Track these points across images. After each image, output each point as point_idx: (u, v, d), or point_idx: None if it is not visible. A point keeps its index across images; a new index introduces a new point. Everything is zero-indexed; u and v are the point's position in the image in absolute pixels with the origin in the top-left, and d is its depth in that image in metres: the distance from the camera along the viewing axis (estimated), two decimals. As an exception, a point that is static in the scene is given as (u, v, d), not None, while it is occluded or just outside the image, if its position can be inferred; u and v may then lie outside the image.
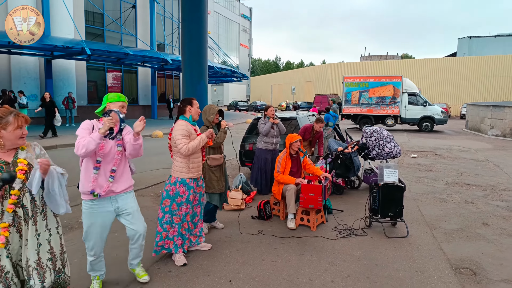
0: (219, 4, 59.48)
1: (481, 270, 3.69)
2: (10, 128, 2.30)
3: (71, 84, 19.43)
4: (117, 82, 23.57)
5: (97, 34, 21.85)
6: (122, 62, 20.80)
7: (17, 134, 2.33)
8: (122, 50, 17.83)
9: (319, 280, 3.48)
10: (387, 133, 6.67)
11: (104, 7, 21.65)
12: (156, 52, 21.84)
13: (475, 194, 6.64)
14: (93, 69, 21.89)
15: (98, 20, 21.97)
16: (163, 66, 23.39)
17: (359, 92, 20.25)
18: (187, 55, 7.13)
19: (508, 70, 34.21)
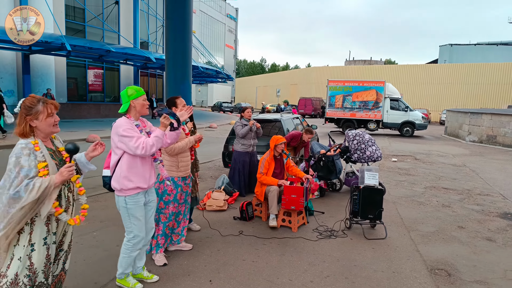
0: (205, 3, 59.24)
1: (455, 271, 3.80)
2: (42, 117, 2.24)
3: (50, 80, 18.98)
4: (98, 79, 23.15)
5: (78, 30, 21.41)
6: (104, 59, 20.44)
7: (49, 122, 2.28)
8: (104, 46, 17.53)
9: (299, 280, 3.51)
10: (369, 137, 6.78)
11: (85, 2, 21.22)
12: (140, 50, 21.58)
13: (452, 198, 6.82)
14: (74, 65, 21.42)
15: (79, 15, 21.53)
16: (146, 65, 23.13)
17: (342, 96, 20.49)
18: (171, 54, 7.07)
19: (487, 77, 35.28)
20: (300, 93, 45.30)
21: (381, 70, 40.84)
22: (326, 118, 21.30)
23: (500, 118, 15.56)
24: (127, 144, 2.84)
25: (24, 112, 2.22)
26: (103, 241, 4.30)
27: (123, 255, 3.14)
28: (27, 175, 2.10)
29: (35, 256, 2.22)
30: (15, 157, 2.10)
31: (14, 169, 2.08)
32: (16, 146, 2.17)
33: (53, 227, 2.33)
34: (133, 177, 2.96)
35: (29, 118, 2.22)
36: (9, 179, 2.09)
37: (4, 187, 2.10)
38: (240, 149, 6.49)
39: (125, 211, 3.02)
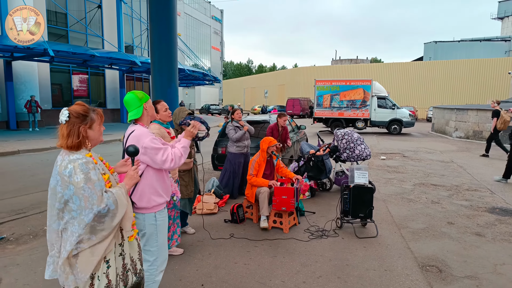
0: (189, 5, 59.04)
1: (446, 267, 3.82)
2: (95, 126, 2.06)
3: (34, 87, 18.63)
4: (83, 85, 22.84)
5: (61, 35, 21.07)
6: (88, 64, 20.14)
7: (101, 131, 2.12)
8: (88, 51, 17.27)
9: (292, 281, 3.49)
10: (357, 136, 6.80)
11: (67, 7, 20.91)
12: (124, 54, 21.33)
13: (441, 194, 6.88)
14: (57, 71, 21.10)
15: (61, 20, 21.20)
16: (132, 69, 22.89)
17: (330, 96, 20.60)
18: (157, 57, 6.98)
19: (472, 74, 35.92)
20: (287, 93, 45.47)
21: (367, 68, 41.24)
22: (314, 118, 21.39)
23: (486, 113, 15.80)
24: (153, 157, 2.54)
25: (78, 121, 1.98)
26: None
27: (148, 282, 2.73)
28: (102, 188, 1.94)
29: (112, 273, 2.05)
30: (83, 173, 1.88)
31: (86, 186, 1.87)
32: (74, 161, 1.91)
33: (120, 238, 2.14)
34: (162, 190, 2.71)
35: (83, 127, 1.99)
36: (85, 198, 1.87)
37: (82, 208, 1.88)
38: (235, 150, 6.43)
39: (155, 228, 2.69)
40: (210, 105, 45.93)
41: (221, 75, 73.28)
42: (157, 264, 2.75)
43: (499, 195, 6.79)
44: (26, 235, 4.66)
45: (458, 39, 53.18)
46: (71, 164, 1.90)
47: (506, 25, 61.11)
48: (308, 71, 45.49)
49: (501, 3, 62.16)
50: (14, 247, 4.29)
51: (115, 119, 24.89)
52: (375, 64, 46.48)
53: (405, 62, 41.25)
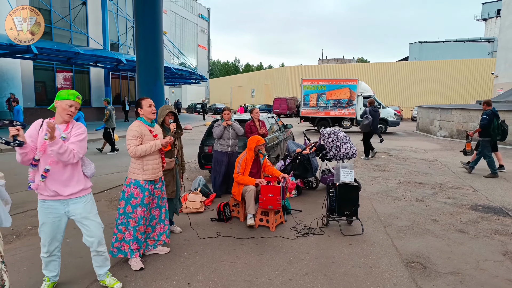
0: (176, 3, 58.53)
1: (430, 264, 3.87)
2: None
3: (17, 84, 18.21)
4: (67, 82, 22.43)
5: (44, 32, 20.56)
6: (72, 61, 19.82)
7: None
8: (72, 49, 16.97)
9: (278, 279, 3.49)
10: (343, 135, 6.85)
11: (51, 3, 20.50)
12: (109, 52, 21.04)
13: (425, 192, 6.99)
14: (41, 69, 20.67)
15: (44, 16, 20.70)
16: (117, 67, 22.60)
17: (317, 95, 20.70)
18: (142, 55, 6.91)
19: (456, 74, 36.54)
20: (274, 92, 45.55)
21: (353, 68, 41.60)
22: (301, 117, 21.47)
23: (469, 113, 16.12)
24: None
25: None
26: (77, 248, 4.18)
27: None
28: None
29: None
30: None
31: None
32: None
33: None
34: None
35: None
36: None
37: None
38: (218, 148, 6.45)
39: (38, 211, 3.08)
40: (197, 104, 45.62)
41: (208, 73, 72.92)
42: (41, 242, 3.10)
43: (482, 193, 6.93)
44: (9, 235, 4.56)
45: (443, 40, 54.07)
46: None
47: (490, 26, 62.41)
48: (295, 70, 45.62)
49: (485, 5, 63.50)
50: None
51: (100, 118, 24.41)
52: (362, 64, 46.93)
53: (391, 62, 41.78)
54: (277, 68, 57.67)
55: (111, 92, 25.16)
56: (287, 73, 46.66)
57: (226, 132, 6.40)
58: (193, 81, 34.41)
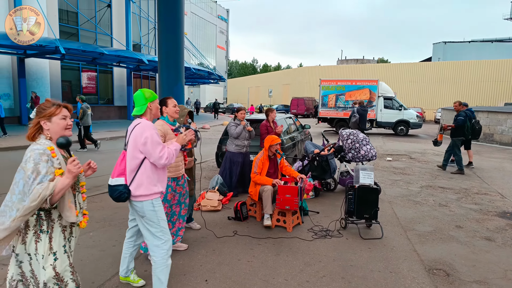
0: (196, 5, 59.14)
1: (454, 271, 3.75)
2: (55, 119, 2.18)
3: (45, 83, 18.83)
4: (92, 82, 23.01)
5: (72, 33, 21.27)
6: (97, 62, 20.34)
7: (62, 124, 2.20)
8: (97, 49, 17.42)
9: (295, 280, 3.45)
10: (363, 136, 6.74)
11: (78, 6, 21.10)
12: (132, 52, 21.46)
13: (449, 197, 6.79)
14: (68, 68, 21.30)
15: (72, 19, 21.39)
16: (139, 67, 23.03)
17: (335, 96, 20.48)
18: (164, 56, 6.99)
19: (482, 75, 35.44)
20: (292, 93, 45.35)
21: (374, 68, 40.98)
22: (319, 117, 21.28)
23: (497, 116, 15.55)
24: (152, 150, 2.69)
25: (39, 115, 2.16)
26: (100, 241, 4.30)
27: (161, 267, 2.85)
28: (41, 181, 2.01)
29: (59, 265, 2.12)
30: (33, 163, 2.02)
31: (31, 175, 2.00)
32: (33, 150, 2.06)
33: (67, 234, 2.23)
34: (158, 181, 2.85)
35: (42, 120, 2.15)
36: (27, 185, 2.00)
37: (25, 193, 2.01)
38: (234, 149, 6.43)
39: (154, 214, 2.81)
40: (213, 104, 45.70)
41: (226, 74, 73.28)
42: (166, 247, 2.85)
43: (510, 200, 6.67)
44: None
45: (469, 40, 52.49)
46: (30, 153, 2.06)
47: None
48: (313, 70, 45.31)
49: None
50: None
51: (122, 116, 25.01)
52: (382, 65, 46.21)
53: (413, 63, 40.92)
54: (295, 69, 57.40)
55: (132, 91, 25.62)
56: (305, 74, 46.40)
57: (243, 132, 6.40)
58: (212, 81, 34.64)
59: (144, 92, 2.87)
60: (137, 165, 2.76)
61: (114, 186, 2.74)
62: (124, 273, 3.30)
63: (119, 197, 2.73)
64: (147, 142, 2.68)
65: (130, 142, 2.78)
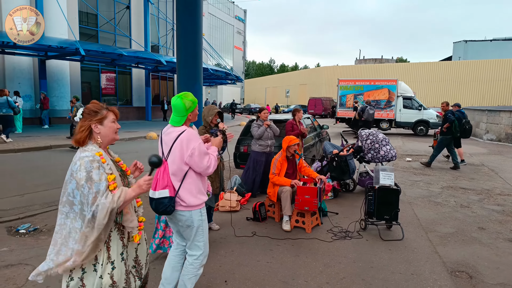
0: (213, 5, 59.47)
1: (477, 273, 3.67)
2: (107, 123, 2.12)
3: (65, 84, 19.27)
4: (111, 83, 23.42)
5: (91, 35, 21.72)
6: (116, 63, 20.69)
7: (113, 128, 2.15)
8: (116, 51, 17.73)
9: (315, 281, 3.44)
10: (382, 136, 6.66)
11: (98, 8, 21.52)
12: (150, 54, 21.74)
13: (471, 198, 6.64)
14: (87, 70, 21.74)
15: (92, 20, 21.84)
16: (157, 68, 23.32)
17: (354, 95, 20.28)
18: (182, 56, 7.06)
19: (504, 74, 34.51)
20: (309, 93, 45.13)
21: (392, 68, 40.41)
22: (337, 118, 21.11)
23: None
24: (199, 162, 2.62)
25: (89, 117, 2.08)
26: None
27: (189, 276, 2.79)
28: (99, 190, 1.96)
29: (116, 274, 2.07)
30: (85, 171, 1.95)
31: (86, 185, 1.94)
32: (82, 158, 1.98)
33: (125, 241, 2.18)
34: (204, 189, 2.81)
35: (94, 123, 2.08)
36: (84, 196, 1.95)
37: (82, 203, 1.97)
38: (257, 149, 6.48)
39: (201, 223, 2.75)
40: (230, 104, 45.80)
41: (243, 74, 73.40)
42: (201, 258, 2.81)
43: (533, 201, 6.49)
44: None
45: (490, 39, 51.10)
46: (79, 161, 1.97)
47: (543, 24, 58.34)
48: (331, 70, 44.97)
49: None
50: (47, 237, 4.43)
51: (140, 117, 25.39)
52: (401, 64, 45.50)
53: (433, 62, 40.17)
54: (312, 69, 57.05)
55: (150, 92, 25.97)
56: (322, 74, 46.10)
57: (266, 133, 6.42)
58: (229, 81, 34.78)
59: (185, 103, 2.68)
60: (183, 175, 2.67)
61: (159, 199, 2.61)
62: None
63: (165, 211, 2.61)
64: (194, 154, 2.61)
65: (174, 152, 2.64)
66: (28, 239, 4.40)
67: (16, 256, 3.87)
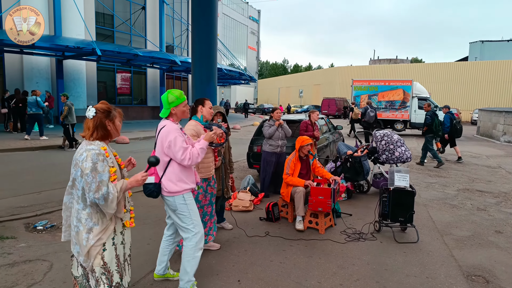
0: (228, 6, 59.69)
1: (494, 278, 3.61)
2: (116, 122, 2.38)
3: (82, 84, 19.59)
4: (126, 83, 23.73)
5: (107, 35, 22.04)
6: (131, 63, 20.94)
7: (120, 126, 2.41)
8: (132, 51, 17.95)
9: (328, 283, 3.43)
10: (397, 137, 6.60)
11: (114, 8, 21.84)
12: (165, 54, 21.95)
13: (488, 201, 6.52)
14: (103, 69, 22.07)
15: (108, 21, 22.16)
16: (171, 68, 23.51)
17: (368, 96, 20.08)
18: (197, 57, 7.13)
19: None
20: (323, 93, 44.83)
21: (407, 68, 39.81)
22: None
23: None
24: (175, 154, 2.89)
25: (103, 116, 2.30)
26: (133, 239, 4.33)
27: (188, 258, 3.03)
28: (102, 180, 2.18)
29: (107, 255, 2.29)
30: (91, 162, 2.16)
31: (90, 174, 2.15)
32: (89, 151, 2.20)
33: (119, 227, 2.39)
34: (187, 178, 3.02)
35: (107, 121, 2.30)
36: (87, 184, 2.17)
37: (84, 190, 2.21)
38: (268, 149, 6.47)
39: (186, 207, 3.00)
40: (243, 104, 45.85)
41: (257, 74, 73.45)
42: (195, 240, 3.03)
43: (553, 205, 6.34)
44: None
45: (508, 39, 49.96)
46: (85, 153, 2.20)
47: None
48: (345, 71, 44.57)
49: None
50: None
51: (155, 116, 25.63)
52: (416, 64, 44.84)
53: (449, 63, 39.42)
54: (326, 69, 56.71)
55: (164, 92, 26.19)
56: (336, 74, 45.74)
57: (276, 133, 6.41)
58: (243, 81, 34.85)
59: (168, 97, 2.96)
60: (165, 164, 2.96)
61: (145, 184, 2.85)
62: (162, 271, 3.37)
63: (150, 195, 2.88)
64: (171, 146, 2.88)
65: (157, 143, 2.99)
66: (46, 235, 4.50)
67: (33, 252, 3.97)
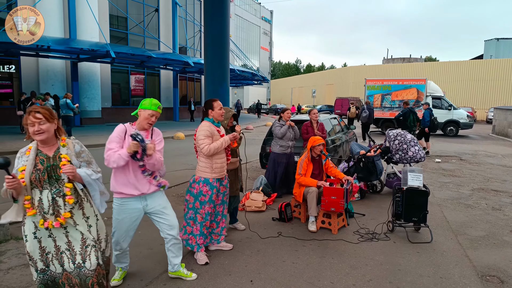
0: (240, 7, 59.84)
1: (509, 278, 3.58)
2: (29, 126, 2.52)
3: (96, 86, 19.94)
4: (140, 84, 24.03)
5: (121, 38, 22.36)
6: (145, 65, 21.18)
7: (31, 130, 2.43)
8: (145, 53, 18.16)
9: (341, 283, 3.46)
10: (411, 137, 6.55)
11: (128, 11, 22.14)
12: (178, 55, 22.15)
13: (503, 201, 6.44)
14: (117, 71, 22.40)
15: (122, 23, 22.49)
16: (184, 69, 23.69)
17: (381, 95, 19.90)
18: (210, 58, 7.19)
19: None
20: (336, 93, 44.56)
21: (421, 67, 39.26)
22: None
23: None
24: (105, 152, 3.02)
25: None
26: (148, 239, 4.46)
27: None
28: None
29: (28, 246, 2.49)
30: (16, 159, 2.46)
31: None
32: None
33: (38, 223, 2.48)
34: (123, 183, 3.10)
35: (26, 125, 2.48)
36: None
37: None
38: (278, 150, 6.48)
39: (114, 210, 3.23)
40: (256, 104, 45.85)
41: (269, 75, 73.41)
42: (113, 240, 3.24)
43: None
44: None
45: (524, 36, 48.78)
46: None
47: None
48: (358, 70, 44.20)
49: None
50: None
51: (168, 117, 25.90)
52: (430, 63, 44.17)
53: (463, 61, 38.72)
54: (339, 68, 56.35)
55: (178, 93, 26.44)
56: (349, 73, 45.41)
57: (288, 133, 6.43)
58: (255, 82, 34.91)
59: (145, 100, 3.18)
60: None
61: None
62: (171, 268, 3.46)
63: None
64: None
65: None
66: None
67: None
